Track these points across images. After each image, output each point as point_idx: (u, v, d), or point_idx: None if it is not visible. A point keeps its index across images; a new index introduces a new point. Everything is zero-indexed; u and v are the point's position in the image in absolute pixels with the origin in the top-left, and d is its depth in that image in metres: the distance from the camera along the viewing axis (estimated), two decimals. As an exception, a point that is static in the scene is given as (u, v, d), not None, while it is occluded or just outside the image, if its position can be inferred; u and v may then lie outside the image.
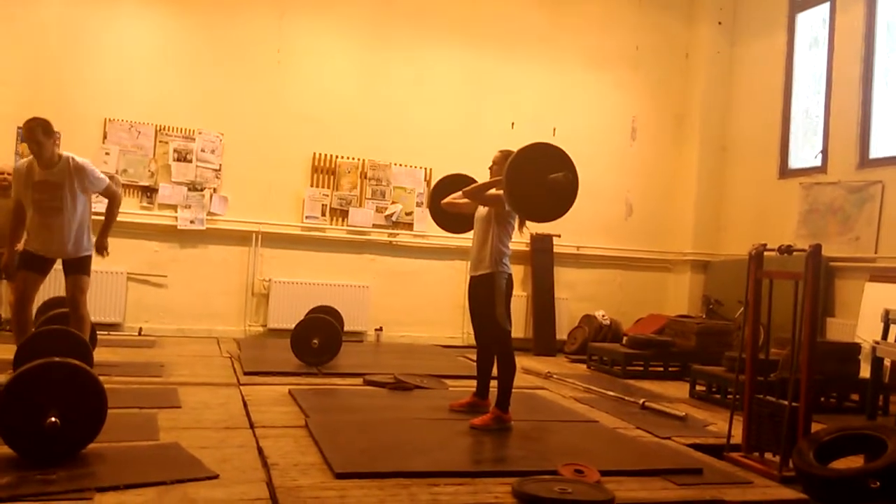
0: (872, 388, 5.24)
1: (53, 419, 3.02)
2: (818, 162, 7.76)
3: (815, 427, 3.80)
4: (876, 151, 7.19)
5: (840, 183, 7.36)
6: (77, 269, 4.75)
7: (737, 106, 8.95)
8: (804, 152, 8.08)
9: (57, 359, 3.22)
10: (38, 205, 4.61)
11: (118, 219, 7.06)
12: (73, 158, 4.66)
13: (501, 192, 4.28)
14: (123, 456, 3.25)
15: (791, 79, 8.27)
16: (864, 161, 7.24)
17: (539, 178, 4.15)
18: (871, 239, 6.98)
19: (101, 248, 4.94)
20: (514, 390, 4.34)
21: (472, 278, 4.54)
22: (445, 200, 4.76)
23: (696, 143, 9.04)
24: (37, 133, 4.49)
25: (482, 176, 4.68)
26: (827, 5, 7.80)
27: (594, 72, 8.89)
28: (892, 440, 3.36)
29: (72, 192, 4.64)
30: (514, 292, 4.62)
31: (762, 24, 8.65)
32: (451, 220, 5.02)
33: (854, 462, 3.57)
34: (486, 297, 4.41)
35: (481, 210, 4.54)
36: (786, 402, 3.79)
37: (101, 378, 3.31)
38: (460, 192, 4.63)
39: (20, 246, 4.81)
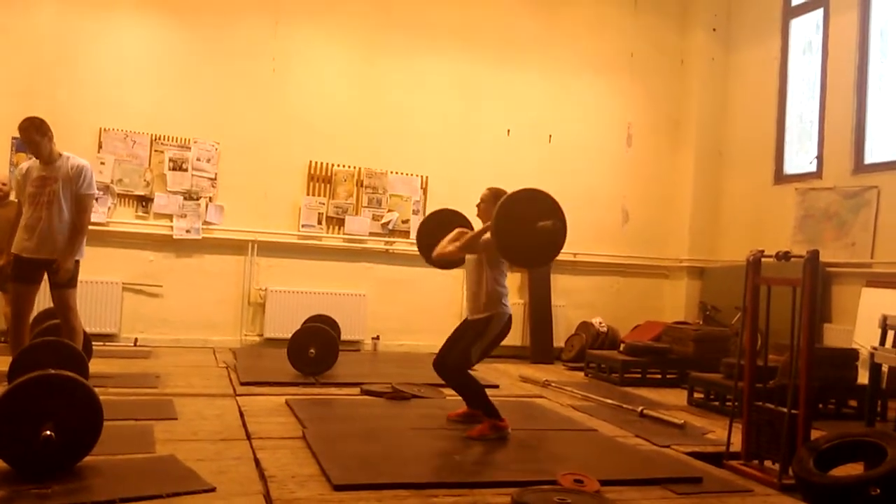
0: (871, 395, 5.23)
1: (48, 432, 2.99)
2: (813, 167, 7.78)
3: (814, 434, 3.79)
4: (871, 157, 7.21)
5: (835, 188, 7.38)
6: (63, 280, 4.66)
7: (732, 112, 8.98)
8: (799, 158, 8.10)
9: (52, 371, 3.19)
10: (33, 198, 4.64)
11: (112, 228, 7.23)
12: (72, 157, 4.75)
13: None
14: (119, 469, 3.23)
15: (785, 84, 8.30)
16: (859, 166, 7.26)
17: (527, 227, 4.17)
18: (868, 244, 6.99)
19: (61, 269, 4.58)
20: (511, 399, 4.34)
21: (470, 320, 4.50)
22: (435, 254, 4.71)
23: (692, 149, 9.05)
24: (31, 133, 4.62)
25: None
26: (820, 11, 7.83)
27: (589, 78, 8.90)
28: (891, 447, 3.34)
29: (67, 189, 4.67)
30: (511, 300, 4.60)
31: (756, 31, 8.68)
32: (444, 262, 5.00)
33: (854, 469, 3.56)
34: (475, 332, 4.40)
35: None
36: (785, 410, 3.78)
37: (97, 390, 3.29)
38: (447, 242, 4.59)
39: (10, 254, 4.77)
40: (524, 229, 4.16)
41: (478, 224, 4.61)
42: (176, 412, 4.40)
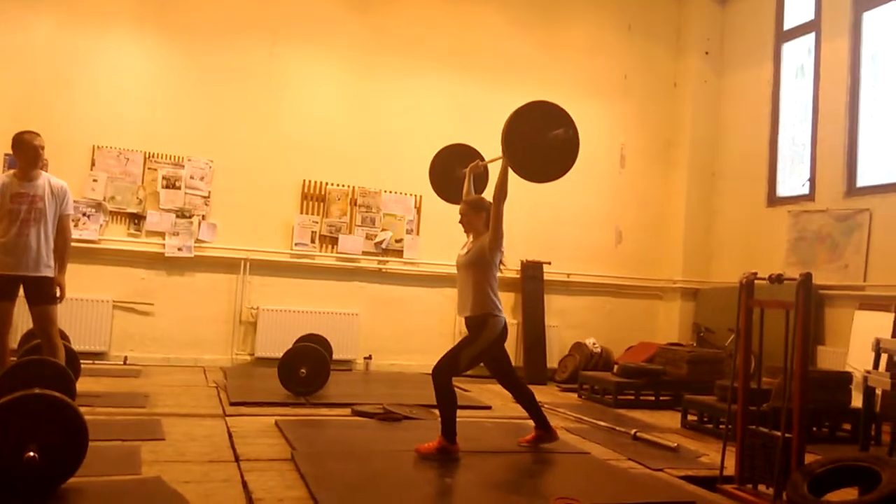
0: (865, 418, 5.21)
1: (32, 454, 2.94)
2: (806, 190, 7.81)
3: (808, 458, 3.76)
4: (863, 180, 7.24)
5: (828, 211, 7.40)
6: (43, 296, 4.65)
7: (725, 134, 9.03)
8: (792, 180, 8.13)
9: (37, 390, 3.15)
10: (15, 215, 4.59)
11: (103, 246, 7.19)
12: (52, 177, 4.82)
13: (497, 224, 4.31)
14: (104, 491, 3.17)
15: (777, 107, 8.35)
16: (852, 189, 7.28)
17: (539, 139, 4.18)
18: (860, 267, 7.00)
19: (61, 287, 4.73)
20: (504, 420, 4.30)
21: (466, 319, 4.49)
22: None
23: (685, 171, 9.09)
24: (40, 139, 4.71)
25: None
26: (812, 35, 7.90)
27: (583, 100, 8.91)
28: (886, 472, 3.32)
29: (52, 207, 4.71)
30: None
31: (748, 54, 8.75)
32: (451, 191, 5.20)
33: (849, 494, 3.52)
34: (469, 337, 4.38)
35: (461, 258, 4.55)
36: (779, 433, 3.75)
37: (84, 409, 3.25)
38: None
39: None
40: (536, 142, 4.15)
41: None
42: (163, 433, 4.34)
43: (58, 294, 4.72)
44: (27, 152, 4.66)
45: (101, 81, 7.37)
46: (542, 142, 4.21)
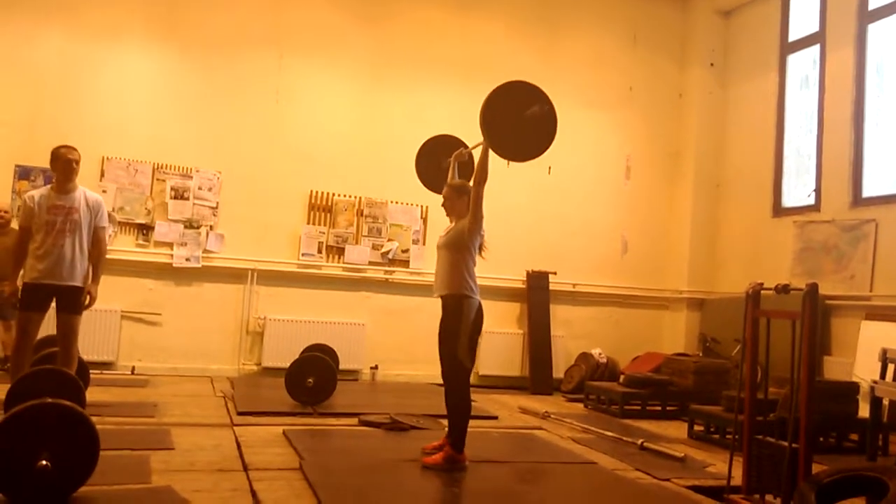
0: (872, 428, 5.21)
1: (44, 462, 2.97)
2: (811, 200, 7.81)
3: (815, 468, 3.76)
4: (868, 190, 7.25)
5: (834, 221, 7.41)
6: (72, 306, 4.75)
7: (730, 145, 9.05)
8: (797, 191, 8.15)
9: (49, 400, 3.18)
10: (51, 226, 4.71)
11: (112, 256, 7.23)
12: (87, 190, 4.96)
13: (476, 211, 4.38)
14: (115, 500, 3.20)
15: (783, 118, 8.38)
16: (858, 200, 7.29)
17: (516, 119, 4.24)
18: (866, 277, 7.00)
19: (91, 296, 4.88)
20: (510, 430, 4.31)
21: (442, 298, 4.43)
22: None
23: (691, 182, 9.11)
24: (76, 153, 4.84)
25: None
26: (817, 47, 7.93)
27: (589, 111, 8.98)
28: (893, 482, 3.31)
29: (86, 220, 4.83)
30: (511, 330, 4.60)
31: (753, 66, 8.78)
32: (439, 181, 5.16)
33: (856, 505, 3.53)
34: (452, 324, 4.32)
35: (441, 239, 4.57)
36: (786, 443, 3.76)
37: (94, 419, 3.27)
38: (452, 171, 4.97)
39: (19, 281, 4.81)
40: (513, 121, 4.20)
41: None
42: (173, 442, 4.37)
43: (87, 302, 4.83)
44: (62, 165, 4.79)
45: (110, 93, 7.45)
46: (520, 120, 4.29)
